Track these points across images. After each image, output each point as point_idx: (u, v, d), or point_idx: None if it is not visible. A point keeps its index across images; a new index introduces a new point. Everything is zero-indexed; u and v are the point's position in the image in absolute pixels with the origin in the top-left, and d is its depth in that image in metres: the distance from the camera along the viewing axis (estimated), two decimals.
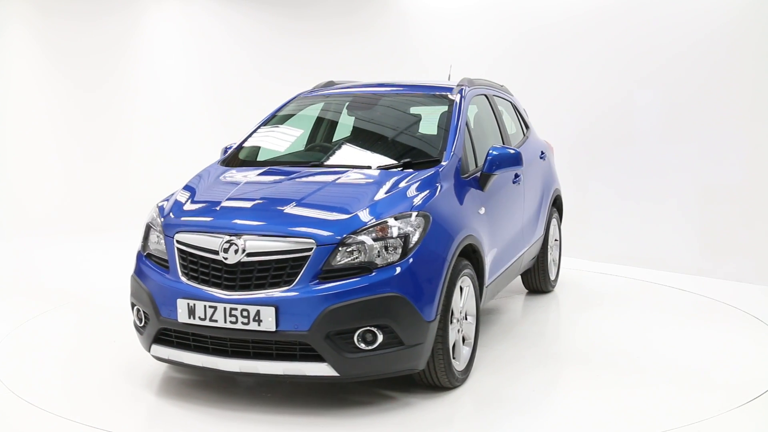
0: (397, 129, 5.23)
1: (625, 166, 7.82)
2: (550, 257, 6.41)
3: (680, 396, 4.28)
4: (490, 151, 4.76)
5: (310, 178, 4.52)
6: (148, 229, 4.38)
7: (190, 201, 4.40)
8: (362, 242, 3.83)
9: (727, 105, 7.16)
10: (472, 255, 4.47)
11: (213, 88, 10.78)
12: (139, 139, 10.49)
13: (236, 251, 3.86)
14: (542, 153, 6.35)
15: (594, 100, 8.07)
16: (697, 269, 7.22)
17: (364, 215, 3.96)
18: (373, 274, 3.78)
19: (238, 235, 3.91)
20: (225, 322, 3.79)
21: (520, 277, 6.34)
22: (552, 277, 6.53)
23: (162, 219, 4.29)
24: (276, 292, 3.76)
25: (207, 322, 3.84)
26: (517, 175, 5.45)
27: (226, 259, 3.86)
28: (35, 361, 4.93)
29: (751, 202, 7.03)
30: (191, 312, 3.87)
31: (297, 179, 4.53)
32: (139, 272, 4.26)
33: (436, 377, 4.13)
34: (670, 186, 7.53)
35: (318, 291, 3.73)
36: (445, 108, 5.05)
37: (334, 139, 5.41)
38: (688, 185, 7.42)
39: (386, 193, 4.17)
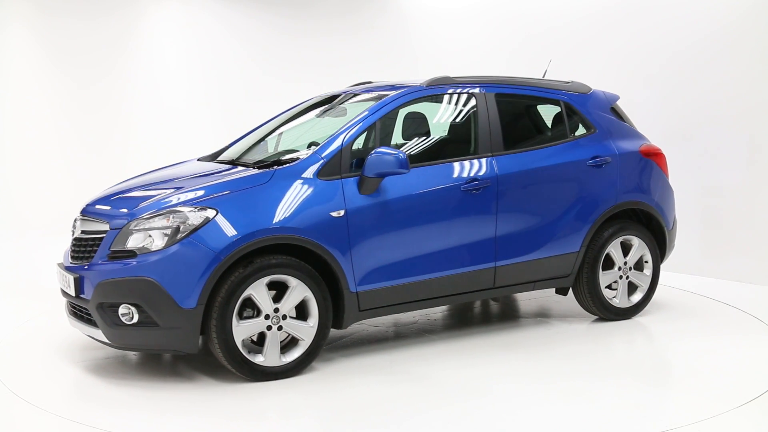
0: (328, 130, 5.22)
1: None
2: (606, 279, 5.56)
3: (680, 396, 4.28)
4: (371, 154, 4.66)
5: (194, 173, 4.93)
6: None
7: (105, 190, 5.15)
8: (140, 229, 4.32)
9: (727, 105, 7.16)
10: (322, 256, 4.51)
11: (212, 86, 10.79)
12: (140, 139, 10.50)
13: (76, 229, 4.74)
14: (595, 158, 5.50)
15: None
16: (697, 269, 7.22)
17: (153, 205, 4.42)
18: (136, 257, 4.27)
19: (80, 215, 4.78)
20: (63, 285, 4.69)
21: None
22: (619, 304, 5.63)
23: None
24: (79, 265, 4.51)
25: (61, 285, 4.75)
26: (474, 180, 5.01)
27: (73, 234, 4.76)
28: (35, 361, 4.94)
29: (751, 202, 7.03)
30: (58, 276, 4.80)
31: (186, 174, 4.95)
32: None
33: (225, 365, 4.38)
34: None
35: (97, 268, 4.38)
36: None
37: (281, 140, 5.56)
38: (688, 185, 7.41)
39: (196, 187, 4.51)
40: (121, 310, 4.27)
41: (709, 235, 7.31)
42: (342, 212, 4.59)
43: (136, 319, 4.26)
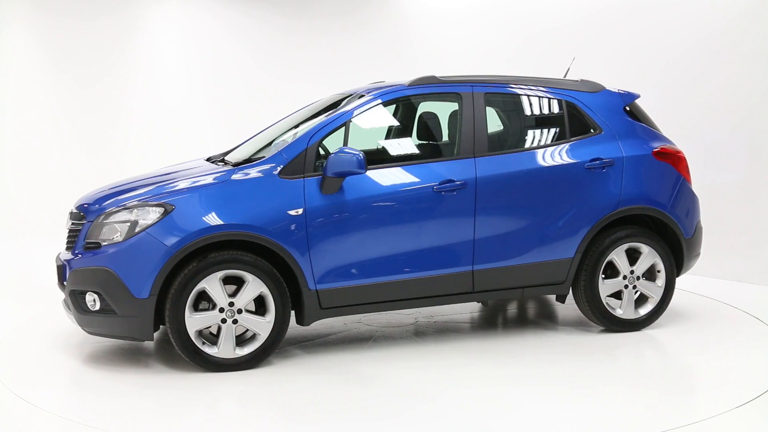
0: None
1: None
2: (608, 288, 5.29)
3: (680, 396, 4.27)
4: (332, 154, 4.68)
5: (179, 173, 5.04)
6: None
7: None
8: (108, 222, 4.57)
9: (727, 105, 7.16)
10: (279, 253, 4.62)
11: (212, 85, 10.78)
12: (140, 138, 10.49)
13: (68, 222, 4.90)
14: (595, 161, 5.22)
15: None
16: (698, 269, 7.20)
17: (122, 200, 4.64)
18: (100, 249, 4.53)
19: (72, 208, 4.95)
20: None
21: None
22: (623, 315, 5.33)
23: None
24: (65, 255, 4.77)
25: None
26: (449, 181, 4.91)
27: (67, 227, 4.92)
28: (35, 361, 4.95)
29: (751, 202, 7.03)
30: None
31: (174, 173, 5.05)
32: None
33: (181, 354, 4.58)
34: None
35: (73, 256, 4.63)
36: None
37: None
38: None
39: (165, 184, 4.70)
40: (87, 297, 4.55)
41: (710, 235, 7.29)
42: (300, 211, 4.65)
43: (98, 306, 4.53)
